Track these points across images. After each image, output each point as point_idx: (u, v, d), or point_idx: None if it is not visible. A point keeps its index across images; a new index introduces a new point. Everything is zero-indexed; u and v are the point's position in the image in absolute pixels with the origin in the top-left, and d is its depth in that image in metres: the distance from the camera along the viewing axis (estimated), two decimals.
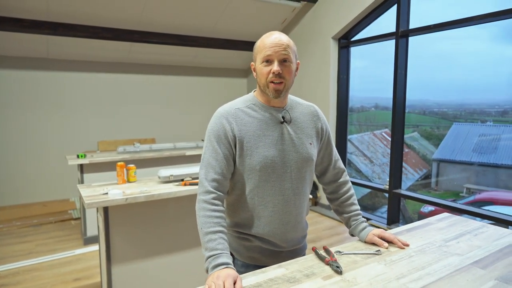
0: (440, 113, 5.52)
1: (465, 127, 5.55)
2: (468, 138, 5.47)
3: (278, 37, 1.25)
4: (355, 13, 4.23)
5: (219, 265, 1.09)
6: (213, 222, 1.18)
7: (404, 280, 1.10)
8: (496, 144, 5.22)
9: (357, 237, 1.43)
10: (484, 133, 5.41)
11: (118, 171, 2.44)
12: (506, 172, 5.12)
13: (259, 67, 1.26)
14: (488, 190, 5.11)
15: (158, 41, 4.82)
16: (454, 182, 5.59)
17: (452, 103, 5.35)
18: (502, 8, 3.08)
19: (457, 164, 5.57)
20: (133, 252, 2.29)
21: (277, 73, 1.21)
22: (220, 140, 1.25)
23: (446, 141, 5.62)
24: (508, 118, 5.01)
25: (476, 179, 5.45)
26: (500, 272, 1.16)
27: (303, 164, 1.31)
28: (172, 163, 4.11)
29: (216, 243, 1.14)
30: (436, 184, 5.69)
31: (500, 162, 5.06)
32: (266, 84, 1.24)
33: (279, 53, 1.22)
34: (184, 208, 2.47)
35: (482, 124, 5.44)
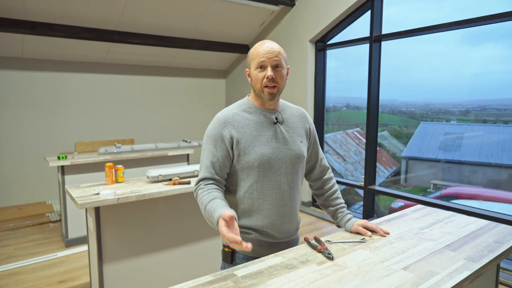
0: (408, 113, 5.80)
1: (431, 126, 5.87)
2: (434, 137, 5.79)
3: (270, 45, 1.38)
4: (331, 17, 4.42)
5: (217, 220, 1.18)
6: (206, 196, 1.30)
7: (387, 262, 1.25)
8: (459, 142, 5.55)
9: (343, 228, 1.57)
10: (448, 132, 5.75)
11: (107, 171, 2.47)
12: (469, 168, 5.46)
13: (254, 73, 1.38)
14: (453, 185, 5.42)
15: (138, 41, 4.82)
16: (421, 178, 5.89)
17: (419, 103, 5.65)
18: (466, 17, 3.34)
19: (425, 161, 5.87)
20: (124, 251, 2.34)
21: (271, 77, 1.34)
22: (217, 143, 1.37)
23: (414, 140, 5.91)
24: (470, 117, 5.34)
25: (442, 175, 5.76)
26: (467, 253, 1.33)
27: (296, 160, 1.44)
28: (154, 163, 4.14)
29: (212, 206, 1.24)
30: (405, 181, 5.98)
31: (463, 159, 5.40)
32: (261, 89, 1.37)
33: (272, 60, 1.34)
34: (174, 207, 2.54)
35: (446, 123, 5.78)
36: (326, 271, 1.19)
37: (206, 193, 1.32)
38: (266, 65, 1.34)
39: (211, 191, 1.32)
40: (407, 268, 1.21)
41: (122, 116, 5.60)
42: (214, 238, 2.75)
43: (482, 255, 1.31)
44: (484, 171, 5.22)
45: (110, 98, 5.48)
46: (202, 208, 1.30)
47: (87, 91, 5.27)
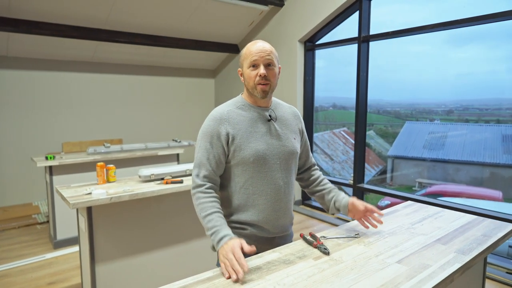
0: (393, 112, 5.90)
1: (416, 125, 5.98)
2: (419, 136, 5.90)
3: (262, 44, 1.41)
4: (320, 18, 4.47)
5: (221, 238, 1.23)
6: (208, 206, 1.33)
7: (382, 256, 1.28)
8: (443, 141, 5.68)
9: (340, 204, 1.53)
10: (433, 131, 5.88)
11: (98, 171, 2.45)
12: (452, 166, 5.59)
13: (247, 71, 1.40)
14: (438, 183, 5.55)
15: (127, 40, 4.77)
16: (407, 177, 6.00)
17: (403, 103, 5.76)
18: (450, 19, 3.43)
19: (410, 160, 5.99)
20: (117, 251, 2.32)
21: (263, 75, 1.37)
22: (212, 140, 1.38)
23: (399, 139, 6.02)
24: (453, 117, 5.47)
25: (427, 173, 5.88)
26: (457, 246, 1.37)
27: (290, 156, 1.46)
28: (144, 163, 4.11)
29: (214, 221, 1.29)
30: (391, 179, 6.09)
31: (447, 157, 5.52)
32: (254, 86, 1.39)
33: (264, 58, 1.38)
34: (167, 206, 2.54)
35: (430, 122, 5.91)
36: (323, 266, 1.21)
37: (208, 199, 1.34)
38: (258, 63, 1.37)
39: (212, 198, 1.35)
40: (401, 261, 1.25)
41: (110, 116, 5.53)
42: (207, 237, 2.75)
43: (472, 248, 1.36)
44: (468, 169, 5.34)
45: (98, 97, 5.41)
46: (202, 214, 1.33)
47: (74, 91, 5.19)
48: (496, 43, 4.19)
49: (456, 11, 3.55)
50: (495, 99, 4.72)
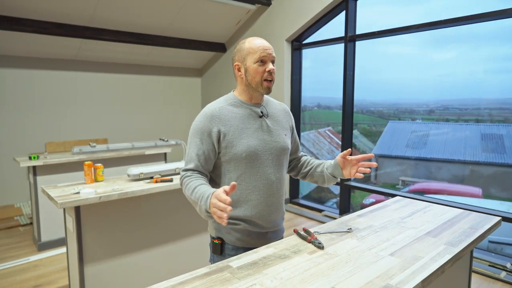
0: (377, 112, 6.00)
1: (399, 124, 6.10)
2: (402, 135, 6.02)
3: (265, 42, 1.44)
4: (307, 17, 4.51)
5: (207, 197, 1.24)
6: (191, 183, 1.35)
7: (375, 250, 1.31)
8: (425, 140, 5.81)
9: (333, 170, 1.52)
10: (415, 130, 6.01)
11: (86, 170, 2.41)
12: (434, 165, 5.72)
13: (253, 66, 1.40)
14: (420, 181, 5.67)
15: (111, 38, 4.70)
16: (391, 175, 6.11)
17: (386, 103, 5.87)
18: (434, 20, 3.52)
19: (393, 159, 6.10)
20: (106, 252, 2.29)
21: (273, 71, 1.41)
22: (203, 137, 1.39)
23: (383, 138, 6.13)
24: (434, 116, 5.60)
25: (410, 172, 6.01)
26: (447, 239, 1.41)
27: (281, 152, 1.48)
28: (131, 162, 4.06)
29: (200, 191, 1.29)
30: (375, 178, 6.19)
31: (429, 156, 5.65)
32: (261, 82, 1.41)
33: (271, 56, 1.41)
34: (157, 205, 2.51)
35: (412, 122, 6.04)
36: (318, 260, 1.23)
37: (194, 179, 1.36)
38: (266, 60, 1.40)
39: (198, 178, 1.37)
40: (394, 254, 1.27)
41: (95, 115, 5.43)
42: (199, 235, 2.74)
43: (460, 240, 1.40)
44: (449, 167, 5.48)
45: (82, 96, 5.30)
46: (190, 191, 1.33)
47: (57, 89, 5.08)
48: (475, 45, 4.33)
49: (439, 12, 3.64)
50: (474, 99, 4.86)
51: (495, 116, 4.81)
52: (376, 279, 1.09)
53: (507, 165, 4.60)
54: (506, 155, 4.61)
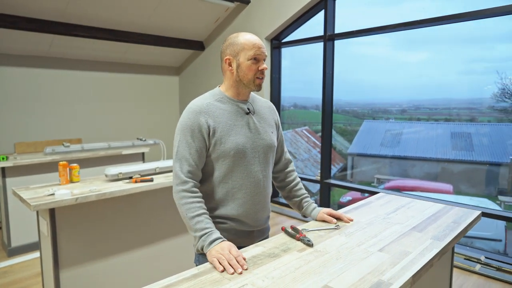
0: (351, 112, 6.12)
1: (373, 124, 6.24)
2: (377, 134, 6.16)
3: (257, 39, 1.41)
4: (287, 16, 4.51)
5: (215, 240, 1.22)
6: (196, 207, 1.29)
7: (364, 246, 1.30)
8: (399, 139, 5.97)
9: (309, 217, 1.62)
10: (389, 129, 6.16)
11: (60, 170, 2.30)
12: (408, 163, 5.88)
13: (246, 63, 1.37)
14: (395, 179, 5.81)
15: (85, 34, 4.52)
16: (366, 173, 6.24)
17: (360, 103, 6.00)
18: (409, 20, 3.59)
19: (369, 157, 6.23)
20: (83, 255, 2.19)
21: (265, 70, 1.39)
22: (193, 134, 1.33)
23: (358, 137, 6.25)
24: (406, 116, 5.77)
25: (385, 170, 6.15)
26: (432, 233, 1.43)
27: (268, 150, 1.46)
28: (107, 163, 3.92)
29: (204, 223, 1.27)
30: (351, 176, 6.30)
31: (403, 154, 5.80)
32: (253, 79, 1.38)
33: (263, 54, 1.39)
34: (137, 206, 2.43)
35: (386, 121, 6.19)
36: (308, 257, 1.21)
37: (196, 201, 1.31)
38: (259, 58, 1.38)
39: (200, 201, 1.32)
40: (382, 249, 1.27)
41: (67, 114, 5.22)
42: (181, 235, 2.68)
43: (445, 234, 1.42)
44: (421, 165, 5.64)
45: (54, 95, 5.08)
46: (187, 216, 1.29)
47: (27, 87, 4.84)
48: (444, 47, 4.49)
49: (415, 14, 3.71)
50: (444, 99, 5.04)
51: (463, 116, 5.00)
52: (368, 275, 1.08)
53: (475, 162, 4.77)
54: (474, 152, 4.78)
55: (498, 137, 4.57)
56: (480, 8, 3.12)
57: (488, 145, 4.64)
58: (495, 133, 4.60)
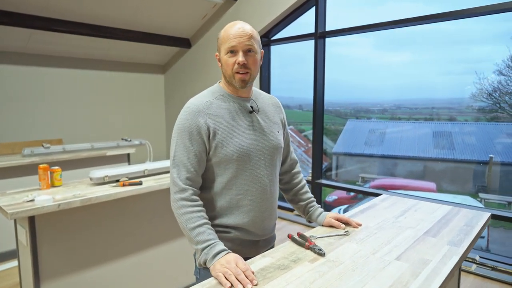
0: (334, 111, 6.12)
1: (357, 123, 6.26)
2: (361, 133, 6.18)
3: (242, 27, 1.25)
4: (276, 13, 4.40)
5: (219, 252, 1.10)
6: (197, 217, 1.16)
7: (379, 254, 1.21)
8: (382, 138, 6.00)
9: (315, 222, 1.51)
10: (372, 129, 6.18)
11: (41, 174, 2.12)
12: (391, 161, 5.91)
13: (224, 58, 1.25)
14: (379, 178, 5.82)
15: (66, 30, 4.30)
16: (351, 172, 6.24)
17: (343, 102, 6.01)
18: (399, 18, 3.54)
19: (353, 157, 6.24)
20: (67, 265, 2.02)
21: (242, 63, 1.22)
22: (192, 136, 1.21)
23: (342, 137, 6.25)
24: (387, 115, 5.81)
25: (369, 169, 6.16)
26: (447, 238, 1.35)
27: (274, 152, 1.34)
28: (90, 165, 3.73)
29: (207, 235, 1.14)
30: (336, 175, 6.29)
31: (386, 153, 5.83)
32: (232, 75, 1.25)
33: (243, 44, 1.22)
34: (125, 211, 2.27)
35: (369, 120, 6.22)
36: (322, 269, 1.10)
37: (196, 210, 1.18)
38: (237, 49, 1.22)
39: (200, 210, 1.20)
40: (400, 258, 1.18)
41: (47, 114, 4.97)
42: (176, 242, 2.53)
43: (461, 238, 1.34)
44: (405, 163, 5.68)
45: (32, 93, 4.82)
46: (187, 227, 1.16)
47: (3, 85, 4.57)
48: (425, 48, 4.54)
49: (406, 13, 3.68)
50: (423, 99, 5.11)
51: (442, 115, 5.07)
52: None
53: (456, 160, 4.82)
54: (455, 151, 4.83)
55: (477, 136, 4.64)
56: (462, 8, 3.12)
57: (468, 143, 4.71)
58: (475, 132, 4.68)
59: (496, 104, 3.92)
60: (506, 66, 3.58)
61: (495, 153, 4.24)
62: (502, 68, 3.61)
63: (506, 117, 3.94)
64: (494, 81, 3.75)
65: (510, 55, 3.50)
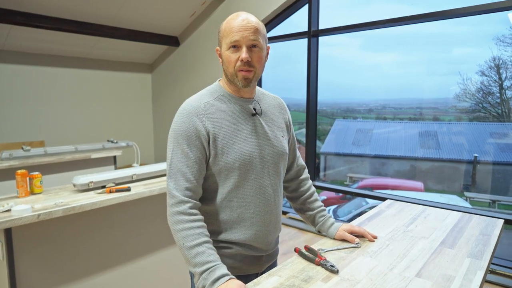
0: (321, 111, 6.09)
1: (344, 123, 6.22)
2: (348, 133, 6.15)
3: (246, 18, 1.11)
4: (268, 10, 4.29)
5: (219, 277, 0.97)
6: (196, 234, 1.02)
7: (397, 270, 1.10)
8: (370, 137, 5.98)
9: (326, 233, 1.38)
10: (360, 128, 6.16)
11: (18, 181, 1.95)
12: (378, 161, 5.89)
13: (225, 53, 1.12)
14: (367, 177, 5.79)
15: (48, 26, 4.09)
16: (339, 172, 6.20)
17: (329, 102, 5.98)
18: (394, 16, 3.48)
19: (341, 156, 6.20)
20: (47, 281, 1.85)
21: (246, 60, 1.08)
22: (190, 141, 1.08)
23: (330, 136, 6.20)
24: (373, 115, 5.81)
25: (357, 168, 6.13)
26: (466, 250, 1.25)
27: (279, 159, 1.22)
28: (74, 168, 3.55)
29: (206, 256, 1.00)
30: (324, 176, 6.23)
31: (374, 153, 5.80)
32: (235, 73, 1.12)
33: (247, 38, 1.09)
34: (112, 220, 2.12)
35: (354, 120, 6.20)
36: None
37: (195, 226, 1.04)
38: (240, 44, 1.09)
39: (200, 226, 1.05)
40: (420, 274, 1.07)
41: (28, 114, 4.74)
42: (166, 252, 2.38)
43: (480, 250, 1.25)
44: (392, 163, 5.66)
45: (11, 92, 4.59)
46: (184, 246, 1.02)
47: None
48: (409, 49, 4.56)
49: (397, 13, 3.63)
50: (409, 99, 5.13)
51: (426, 115, 5.09)
52: None
53: (442, 159, 4.83)
54: (440, 150, 4.83)
55: (462, 135, 4.66)
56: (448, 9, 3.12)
57: (454, 143, 4.75)
58: (460, 132, 4.71)
59: (478, 104, 3.96)
60: (489, 67, 3.63)
61: (480, 152, 4.26)
62: (485, 69, 3.66)
63: (487, 117, 3.99)
64: (477, 81, 3.80)
65: (492, 56, 3.55)
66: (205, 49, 5.08)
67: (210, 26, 4.96)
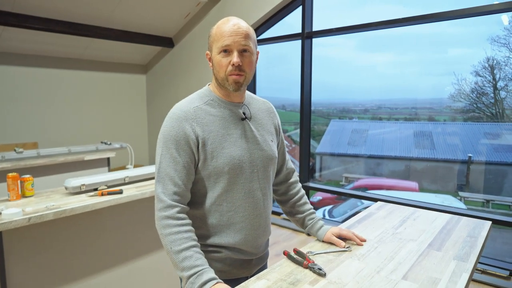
0: (316, 111, 6.11)
1: (340, 123, 6.25)
2: (344, 133, 6.17)
3: (237, 23, 1.12)
4: (262, 12, 4.30)
5: (207, 281, 0.97)
6: (183, 238, 1.03)
7: (383, 273, 1.11)
8: (365, 138, 6.01)
9: (315, 236, 1.40)
10: (355, 129, 6.19)
11: (9, 184, 1.94)
12: (374, 161, 5.92)
13: (216, 58, 1.12)
14: (362, 177, 5.81)
15: (41, 27, 4.08)
16: (334, 172, 6.22)
17: (324, 102, 6.01)
18: (389, 18, 3.50)
19: (337, 157, 6.22)
20: (37, 285, 1.85)
21: (237, 64, 1.09)
22: (179, 146, 1.08)
23: (326, 136, 6.23)
24: (368, 115, 5.84)
25: (353, 168, 6.16)
26: (453, 252, 1.27)
27: (268, 163, 1.23)
28: (68, 170, 3.54)
29: (194, 260, 1.01)
30: (320, 176, 6.25)
31: (369, 153, 5.83)
32: (225, 77, 1.12)
33: (239, 43, 1.10)
34: (104, 223, 2.12)
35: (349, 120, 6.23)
36: None
37: (183, 231, 1.05)
38: (231, 49, 1.09)
39: (188, 230, 1.06)
40: (406, 277, 1.09)
41: (21, 115, 4.72)
42: (158, 256, 2.38)
43: (467, 252, 1.26)
44: (387, 163, 5.69)
45: (4, 93, 4.57)
46: (172, 250, 1.03)
47: None
48: (404, 49, 4.59)
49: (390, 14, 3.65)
50: (404, 99, 5.16)
51: (421, 115, 5.13)
52: None
53: (437, 160, 4.87)
54: (435, 150, 4.87)
55: (457, 135, 4.70)
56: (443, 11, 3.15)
57: (448, 143, 4.79)
58: (455, 132, 4.75)
59: (473, 105, 4.00)
60: (483, 68, 3.67)
61: (474, 152, 4.30)
62: (479, 69, 3.71)
63: (481, 117, 4.02)
64: (472, 82, 3.83)
65: (486, 57, 3.60)
66: (199, 50, 5.08)
67: (205, 27, 4.96)
